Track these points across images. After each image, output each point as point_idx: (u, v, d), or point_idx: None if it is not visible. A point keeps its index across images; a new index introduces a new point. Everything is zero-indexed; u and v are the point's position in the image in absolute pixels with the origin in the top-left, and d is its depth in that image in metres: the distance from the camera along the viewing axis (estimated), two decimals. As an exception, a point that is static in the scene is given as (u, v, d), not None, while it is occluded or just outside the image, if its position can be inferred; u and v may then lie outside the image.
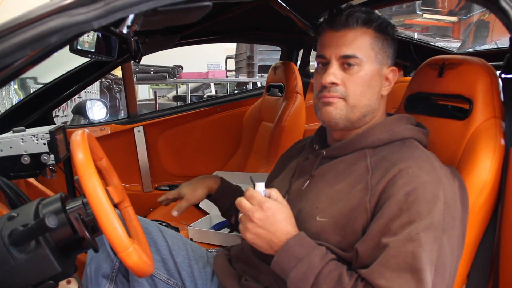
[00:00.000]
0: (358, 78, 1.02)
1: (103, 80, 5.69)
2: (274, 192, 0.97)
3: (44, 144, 1.36)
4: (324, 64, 1.05)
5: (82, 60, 2.08)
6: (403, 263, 0.85)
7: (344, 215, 0.96)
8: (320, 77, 1.04)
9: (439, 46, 2.64)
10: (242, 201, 0.95)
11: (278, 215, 0.94)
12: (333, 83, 1.02)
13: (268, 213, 0.93)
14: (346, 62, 1.02)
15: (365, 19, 1.02)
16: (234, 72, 6.47)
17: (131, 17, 0.74)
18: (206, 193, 1.36)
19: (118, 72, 5.41)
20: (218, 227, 1.82)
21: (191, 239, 1.70)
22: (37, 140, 1.36)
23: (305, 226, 0.99)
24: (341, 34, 1.03)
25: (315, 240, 0.95)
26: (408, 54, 2.24)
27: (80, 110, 3.05)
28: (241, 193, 1.35)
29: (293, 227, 0.95)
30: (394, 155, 0.99)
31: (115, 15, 0.65)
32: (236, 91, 6.10)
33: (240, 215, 0.96)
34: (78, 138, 0.86)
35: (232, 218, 1.37)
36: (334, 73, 1.02)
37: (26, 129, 1.41)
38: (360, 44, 1.02)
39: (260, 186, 0.96)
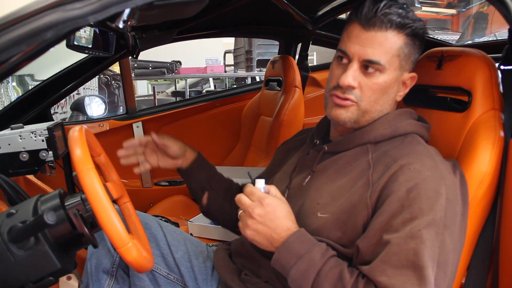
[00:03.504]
0: (376, 84, 0.99)
1: (101, 76, 5.69)
2: (273, 189, 0.97)
3: (43, 140, 1.36)
4: (345, 59, 1.01)
5: (79, 56, 2.08)
6: (405, 260, 0.85)
7: (345, 211, 0.95)
8: (338, 73, 1.01)
9: (438, 38, 2.63)
10: (242, 198, 0.95)
11: (278, 211, 0.93)
12: (351, 86, 0.99)
13: (268, 208, 0.92)
14: (368, 66, 0.98)
15: (399, 23, 0.96)
16: (232, 67, 6.45)
17: (127, 11, 0.73)
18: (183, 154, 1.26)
19: (116, 68, 5.40)
20: (218, 222, 1.82)
21: (191, 234, 1.70)
22: (35, 136, 1.36)
23: (306, 222, 0.98)
24: (370, 34, 0.97)
25: (315, 236, 0.94)
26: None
27: (78, 107, 3.04)
28: (215, 171, 1.33)
29: (293, 223, 0.95)
30: (396, 151, 0.99)
31: (111, 10, 0.64)
32: (234, 86, 6.10)
33: (240, 211, 0.96)
34: (76, 134, 0.86)
35: (204, 195, 1.30)
36: (353, 76, 0.98)
37: (24, 126, 1.41)
38: (387, 49, 0.97)
39: (260, 182, 0.96)
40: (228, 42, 6.73)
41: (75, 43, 1.42)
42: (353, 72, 0.98)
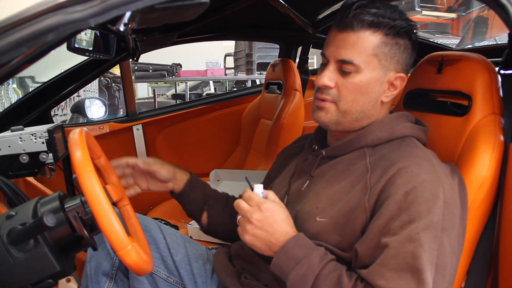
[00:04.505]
0: (352, 84, 1.00)
1: (102, 78, 5.70)
2: (271, 194, 0.97)
3: (43, 143, 1.36)
4: (325, 62, 1.04)
5: (80, 59, 2.08)
6: (403, 263, 0.85)
7: (343, 215, 0.95)
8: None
9: (438, 42, 2.64)
10: (240, 203, 0.95)
11: (277, 215, 0.94)
12: (326, 86, 1.01)
13: (267, 213, 0.93)
14: (342, 66, 1.00)
15: (371, 22, 0.97)
16: (233, 70, 6.46)
17: (128, 14, 0.73)
18: (172, 177, 1.24)
19: (116, 70, 5.41)
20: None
21: (191, 237, 1.70)
22: (35, 139, 1.36)
23: (304, 226, 0.98)
24: (344, 35, 0.99)
25: (314, 240, 0.94)
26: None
27: (78, 109, 3.06)
28: (210, 189, 1.31)
29: (292, 227, 0.95)
30: (393, 154, 0.99)
31: (112, 13, 0.64)
32: (235, 89, 6.10)
33: (238, 217, 0.96)
34: (76, 136, 0.86)
35: (203, 215, 1.28)
36: (329, 76, 1.00)
37: (25, 128, 1.41)
38: (361, 49, 0.98)
39: (258, 187, 0.96)
40: (229, 45, 6.74)
41: (76, 45, 1.42)
42: (329, 72, 1.01)
